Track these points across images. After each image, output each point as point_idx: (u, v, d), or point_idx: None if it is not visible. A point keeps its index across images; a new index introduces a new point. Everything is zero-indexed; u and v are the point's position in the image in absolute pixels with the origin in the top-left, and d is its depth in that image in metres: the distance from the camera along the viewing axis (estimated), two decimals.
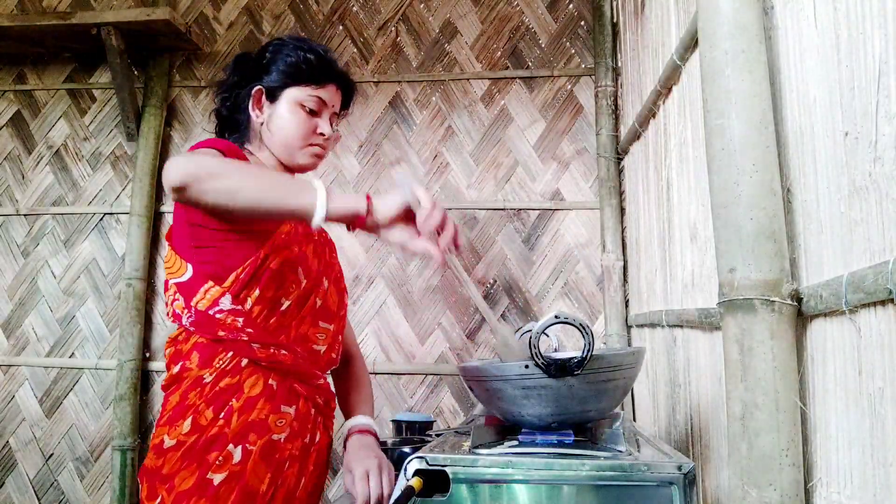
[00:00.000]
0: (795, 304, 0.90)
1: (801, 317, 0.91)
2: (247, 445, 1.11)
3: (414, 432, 1.99)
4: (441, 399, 2.38)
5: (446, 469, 0.90)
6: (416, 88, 2.55)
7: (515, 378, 0.98)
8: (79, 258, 2.57)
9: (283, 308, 1.17)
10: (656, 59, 1.73)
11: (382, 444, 1.86)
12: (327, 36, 2.62)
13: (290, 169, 1.27)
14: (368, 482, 1.12)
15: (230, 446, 1.10)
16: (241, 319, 1.14)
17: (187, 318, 1.16)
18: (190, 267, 1.15)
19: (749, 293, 0.90)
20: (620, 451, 0.94)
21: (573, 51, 2.50)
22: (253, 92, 1.25)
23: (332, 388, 1.33)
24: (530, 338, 0.95)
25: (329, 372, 1.36)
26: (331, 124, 1.28)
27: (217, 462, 1.09)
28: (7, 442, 2.50)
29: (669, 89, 1.63)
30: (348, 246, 2.48)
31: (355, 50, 2.60)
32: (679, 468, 0.86)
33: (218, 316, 1.14)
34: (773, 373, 0.88)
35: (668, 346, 1.66)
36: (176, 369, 1.17)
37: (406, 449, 1.76)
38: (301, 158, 1.25)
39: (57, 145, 2.66)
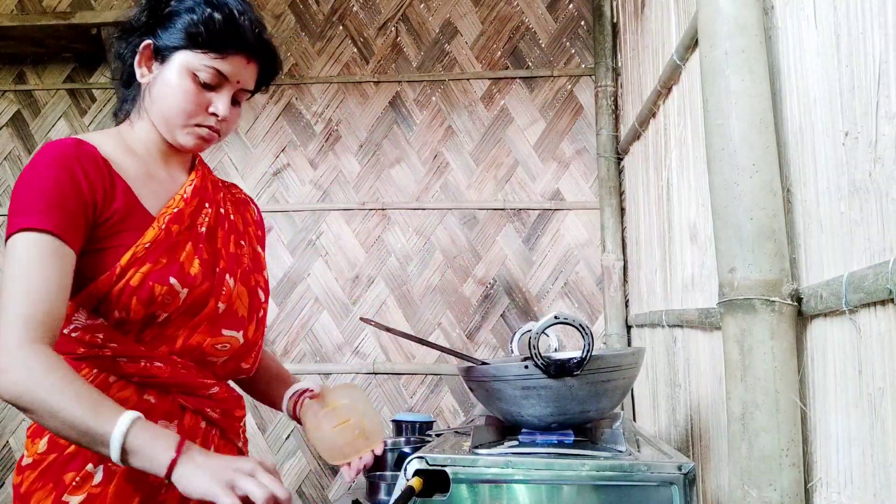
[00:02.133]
0: (795, 304, 0.90)
1: (801, 317, 0.91)
2: (110, 465, 0.96)
3: (414, 432, 2.00)
4: (441, 399, 2.38)
5: (446, 469, 0.90)
6: (416, 88, 2.55)
7: (515, 378, 0.98)
8: None
9: (161, 320, 1.01)
10: (656, 59, 1.73)
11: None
12: (327, 36, 2.62)
13: (173, 147, 1.07)
14: None
15: (89, 466, 0.96)
16: (101, 335, 0.99)
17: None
18: None
19: (749, 293, 0.90)
20: (620, 451, 0.94)
21: (573, 51, 2.50)
22: (141, 46, 1.03)
23: (235, 396, 1.14)
24: (530, 338, 0.95)
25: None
26: (237, 102, 1.08)
27: (74, 482, 0.96)
28: (7, 442, 2.50)
29: (669, 89, 1.63)
30: (348, 245, 2.49)
31: (355, 50, 2.60)
32: (679, 468, 0.86)
33: (74, 335, 0.99)
34: (773, 373, 0.88)
35: (668, 346, 1.66)
36: None
37: (406, 449, 1.76)
38: (182, 138, 1.04)
39: None
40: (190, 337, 1.04)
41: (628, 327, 2.27)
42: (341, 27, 2.62)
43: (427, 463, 0.91)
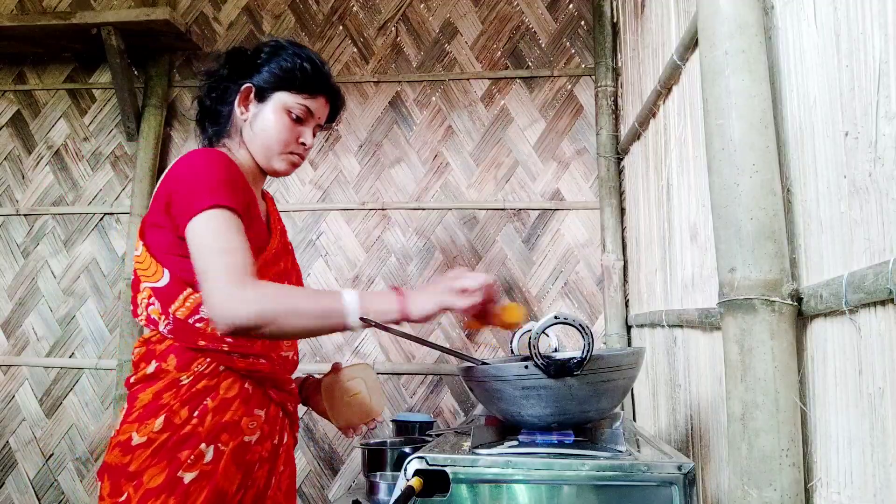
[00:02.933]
0: (795, 304, 0.90)
1: (801, 317, 0.91)
2: (219, 445, 1.11)
3: (414, 432, 2.00)
4: (441, 399, 2.38)
5: (446, 469, 0.90)
6: (416, 88, 2.55)
7: (515, 378, 0.98)
8: (79, 258, 2.57)
9: None
10: (656, 59, 1.73)
11: (381, 444, 1.86)
12: (327, 36, 2.62)
13: (264, 171, 1.28)
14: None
15: (202, 445, 1.10)
16: None
17: (165, 325, 1.14)
18: (167, 272, 1.14)
19: (749, 293, 0.90)
20: (620, 451, 0.94)
21: (573, 51, 2.50)
22: (242, 88, 1.24)
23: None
24: (530, 338, 0.95)
25: None
26: (313, 135, 1.28)
27: (189, 461, 1.08)
28: (7, 442, 2.49)
29: (669, 89, 1.63)
30: (348, 245, 2.49)
31: (355, 50, 2.60)
32: (679, 468, 0.86)
33: (198, 325, 1.13)
34: (773, 373, 0.88)
35: (668, 346, 1.66)
36: (150, 369, 1.14)
37: (406, 449, 1.76)
38: (278, 164, 1.25)
39: (57, 145, 2.66)
40: None
41: (628, 327, 2.27)
42: (341, 27, 2.62)
43: (427, 463, 0.91)
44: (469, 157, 2.49)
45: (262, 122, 1.23)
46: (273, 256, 1.23)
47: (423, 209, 2.48)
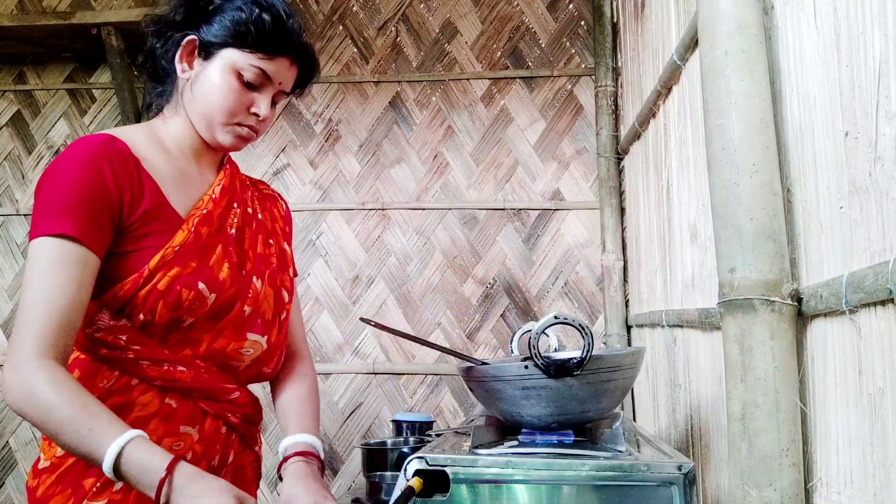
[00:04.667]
0: (795, 304, 0.90)
1: (801, 317, 0.91)
2: None
3: (414, 432, 2.00)
4: (441, 399, 2.38)
5: (446, 469, 0.90)
6: (416, 88, 2.55)
7: (515, 378, 0.98)
8: None
9: (187, 324, 0.99)
10: (656, 59, 1.73)
11: (381, 444, 1.86)
12: (327, 36, 2.62)
13: (208, 145, 1.06)
14: None
15: None
16: (124, 336, 0.97)
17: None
18: None
19: (749, 293, 0.90)
20: (620, 451, 0.94)
21: (573, 51, 2.50)
22: (185, 41, 1.01)
23: (254, 400, 1.13)
24: (530, 338, 0.95)
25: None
26: (274, 104, 1.07)
27: (94, 489, 0.94)
28: (7, 442, 2.49)
29: (669, 89, 1.63)
30: (348, 245, 2.49)
31: (355, 50, 2.60)
32: (679, 468, 0.86)
33: (97, 335, 0.97)
34: (773, 373, 0.88)
35: (668, 346, 1.66)
36: None
37: (406, 449, 1.76)
38: (221, 136, 1.03)
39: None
40: (214, 341, 1.02)
41: (628, 327, 2.27)
42: (341, 27, 2.62)
43: (427, 463, 0.91)
44: (469, 157, 2.49)
45: (205, 85, 1.01)
46: (177, 255, 0.97)
47: (423, 209, 2.47)
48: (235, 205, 1.09)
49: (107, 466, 0.81)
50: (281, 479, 1.05)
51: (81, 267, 0.90)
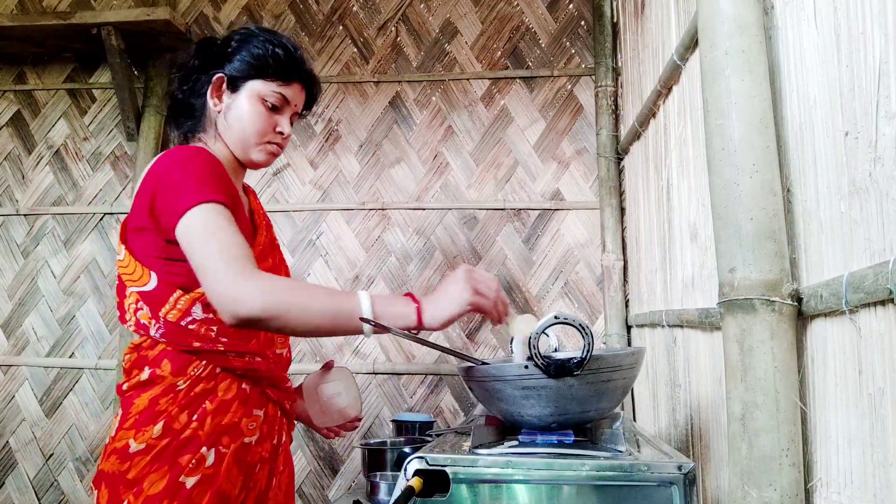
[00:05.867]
0: (795, 304, 0.90)
1: (801, 317, 0.91)
2: (220, 448, 1.09)
3: (414, 432, 2.00)
4: (441, 399, 2.38)
5: (446, 469, 0.90)
6: (416, 88, 2.55)
7: (515, 378, 0.98)
8: (79, 258, 2.57)
9: None
10: (656, 59, 1.73)
11: (381, 444, 1.86)
12: (327, 36, 2.62)
13: (243, 164, 1.24)
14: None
15: (203, 449, 1.08)
16: (215, 328, 1.11)
17: (156, 329, 1.11)
18: (154, 275, 1.10)
19: (749, 293, 0.90)
20: (620, 451, 0.94)
21: (573, 51, 2.50)
22: (214, 79, 1.19)
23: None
24: (530, 338, 0.95)
25: None
26: (290, 123, 1.25)
27: (190, 465, 1.06)
28: (7, 442, 2.49)
29: (669, 89, 1.63)
30: (348, 245, 2.49)
31: (355, 50, 2.60)
32: (679, 468, 0.86)
33: (191, 327, 1.10)
34: (773, 373, 0.88)
35: (668, 346, 1.66)
36: (144, 375, 1.11)
37: (406, 449, 1.76)
38: (256, 155, 1.21)
39: (57, 145, 2.66)
40: (266, 333, 1.20)
41: (628, 327, 2.27)
42: (341, 27, 2.62)
43: (427, 463, 0.91)
44: (469, 157, 2.49)
45: (237, 113, 1.19)
46: (260, 252, 1.20)
47: (423, 209, 2.47)
48: (265, 223, 1.31)
49: (366, 308, 1.00)
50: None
51: (234, 222, 1.06)
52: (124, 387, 1.14)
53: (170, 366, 1.11)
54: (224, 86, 1.20)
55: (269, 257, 1.25)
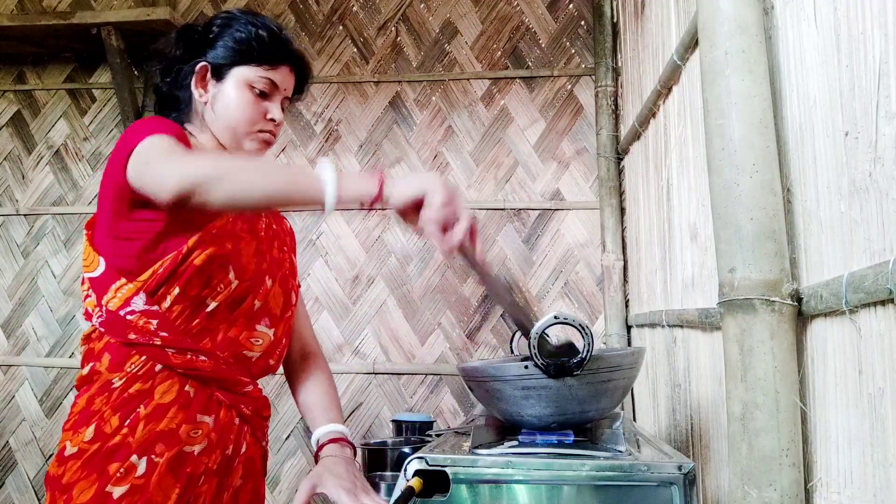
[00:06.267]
0: (795, 304, 0.90)
1: (801, 317, 0.91)
2: (152, 457, 1.01)
3: (414, 432, 2.00)
4: (441, 399, 2.38)
5: (446, 469, 0.90)
6: (416, 88, 2.55)
7: (515, 378, 0.98)
8: (79, 258, 2.57)
9: (209, 309, 1.06)
10: (656, 59, 1.73)
11: (381, 444, 1.86)
12: (327, 36, 2.62)
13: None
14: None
15: (133, 457, 1.00)
16: (154, 322, 1.04)
17: (97, 317, 1.06)
18: (102, 261, 1.05)
19: (749, 293, 0.90)
20: (620, 452, 0.94)
21: (573, 51, 2.50)
22: (197, 68, 1.13)
23: (264, 395, 1.19)
24: (529, 338, 0.95)
25: (284, 372, 1.28)
26: (282, 109, 1.18)
27: (118, 474, 0.99)
28: (7, 442, 2.49)
29: (669, 89, 1.63)
30: (348, 245, 2.49)
31: (355, 50, 2.60)
32: (679, 468, 0.86)
33: (129, 317, 1.03)
34: (773, 373, 0.88)
35: (668, 346, 1.66)
36: (86, 371, 1.07)
37: (406, 449, 1.76)
38: (247, 145, 1.14)
39: (57, 145, 2.66)
40: (229, 330, 1.09)
41: (628, 327, 2.27)
42: (341, 27, 2.62)
43: (427, 463, 0.91)
44: (469, 157, 2.49)
45: (224, 102, 1.12)
46: (215, 234, 1.07)
47: None
48: (263, 214, 1.22)
49: (329, 176, 0.88)
50: (317, 462, 1.13)
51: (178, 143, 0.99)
52: (75, 383, 1.10)
53: (108, 360, 1.05)
54: (208, 75, 1.13)
55: (264, 246, 1.17)
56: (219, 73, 1.13)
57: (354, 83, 2.57)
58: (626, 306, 2.28)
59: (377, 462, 1.77)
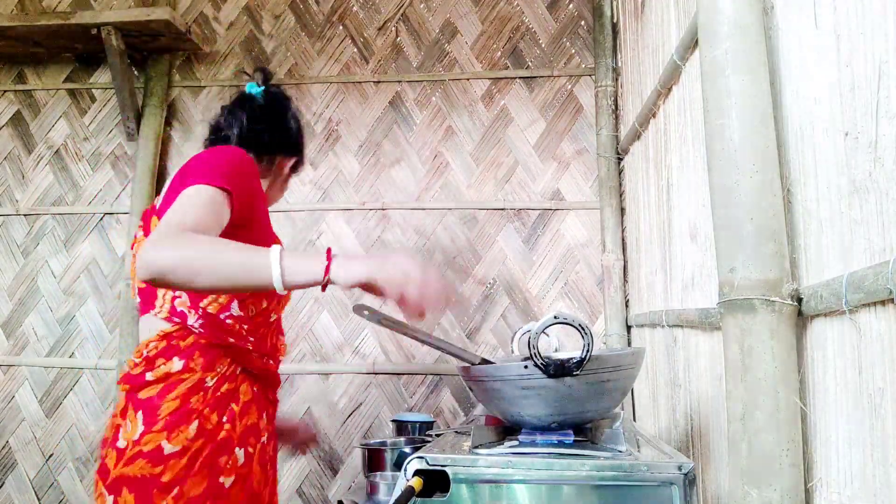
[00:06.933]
0: (795, 304, 0.90)
1: (801, 317, 0.91)
2: (248, 448, 1.15)
3: (414, 432, 1.99)
4: (441, 399, 2.38)
5: (446, 469, 0.90)
6: (416, 88, 2.55)
7: (515, 378, 0.98)
8: (79, 258, 2.57)
9: (272, 320, 1.24)
10: (656, 59, 1.73)
11: (381, 444, 1.86)
12: (327, 36, 2.62)
13: None
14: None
15: (236, 450, 1.13)
16: (246, 326, 1.17)
17: (195, 318, 1.13)
18: None
19: (749, 293, 0.90)
20: (620, 451, 0.94)
21: (573, 51, 2.50)
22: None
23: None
24: (530, 338, 0.95)
25: None
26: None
27: (227, 465, 1.11)
28: (7, 442, 2.49)
29: (669, 89, 1.62)
30: (348, 245, 2.49)
31: (355, 50, 2.59)
32: (679, 468, 0.86)
33: (228, 322, 1.14)
34: (773, 373, 0.88)
35: (668, 346, 1.66)
36: (175, 366, 1.11)
37: (406, 449, 1.76)
38: None
39: (57, 145, 2.66)
40: (272, 338, 1.26)
41: (628, 327, 2.27)
42: (341, 27, 2.62)
43: (427, 463, 0.91)
44: (469, 157, 2.49)
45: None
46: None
47: (423, 209, 2.47)
48: None
49: (275, 259, 0.92)
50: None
51: (222, 207, 1.04)
52: (148, 376, 1.10)
53: (202, 360, 1.13)
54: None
55: None
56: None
57: (354, 83, 2.57)
58: (626, 306, 2.28)
59: (377, 462, 1.77)
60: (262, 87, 1.38)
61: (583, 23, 2.51)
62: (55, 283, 2.57)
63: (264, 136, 1.33)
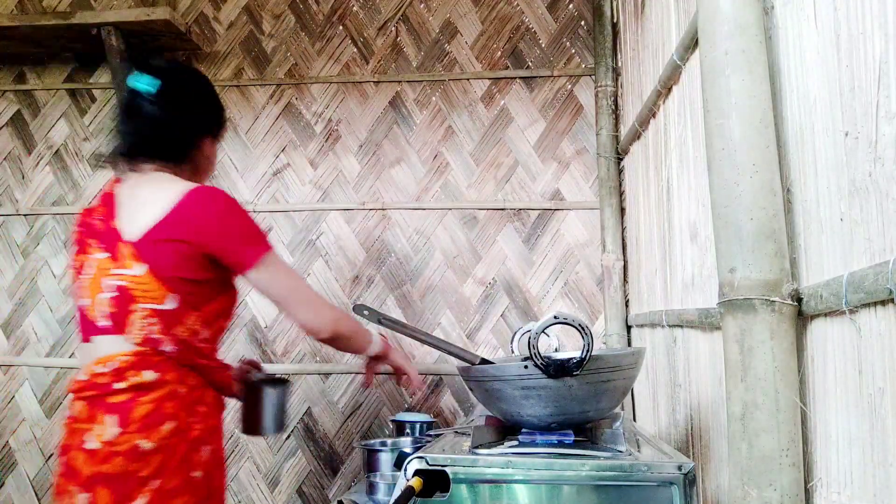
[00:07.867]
0: (795, 304, 0.90)
1: (801, 317, 0.91)
2: (213, 447, 1.27)
3: (414, 432, 2.00)
4: (441, 399, 2.38)
5: (446, 469, 0.90)
6: (416, 88, 2.55)
7: (515, 378, 0.98)
8: None
9: (223, 335, 1.40)
10: (656, 59, 1.73)
11: (381, 444, 1.86)
12: (327, 36, 2.62)
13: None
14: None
15: (203, 447, 1.23)
16: (213, 346, 1.32)
17: (168, 344, 1.21)
18: (174, 297, 1.20)
19: (749, 293, 0.90)
20: (620, 451, 0.94)
21: (573, 51, 2.50)
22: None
23: None
24: (530, 338, 0.95)
25: None
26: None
27: (197, 461, 1.22)
28: (7, 442, 2.49)
29: (669, 89, 1.62)
30: (348, 245, 2.49)
31: (355, 50, 2.59)
32: (679, 468, 0.86)
33: (199, 345, 1.26)
34: (773, 373, 0.88)
35: (668, 346, 1.66)
36: (149, 377, 1.19)
37: (406, 449, 1.76)
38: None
39: (57, 145, 2.66)
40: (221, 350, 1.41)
41: (628, 327, 2.27)
42: (341, 27, 2.62)
43: (427, 463, 0.91)
44: (469, 157, 2.49)
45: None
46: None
47: (423, 209, 2.47)
48: None
49: (375, 348, 1.52)
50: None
51: None
52: (116, 385, 1.17)
53: (173, 374, 1.23)
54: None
55: None
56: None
57: (354, 83, 2.57)
58: (626, 306, 2.28)
59: (377, 462, 1.77)
60: (147, 77, 1.23)
61: (583, 23, 2.51)
62: (55, 283, 2.57)
63: (175, 132, 1.28)
